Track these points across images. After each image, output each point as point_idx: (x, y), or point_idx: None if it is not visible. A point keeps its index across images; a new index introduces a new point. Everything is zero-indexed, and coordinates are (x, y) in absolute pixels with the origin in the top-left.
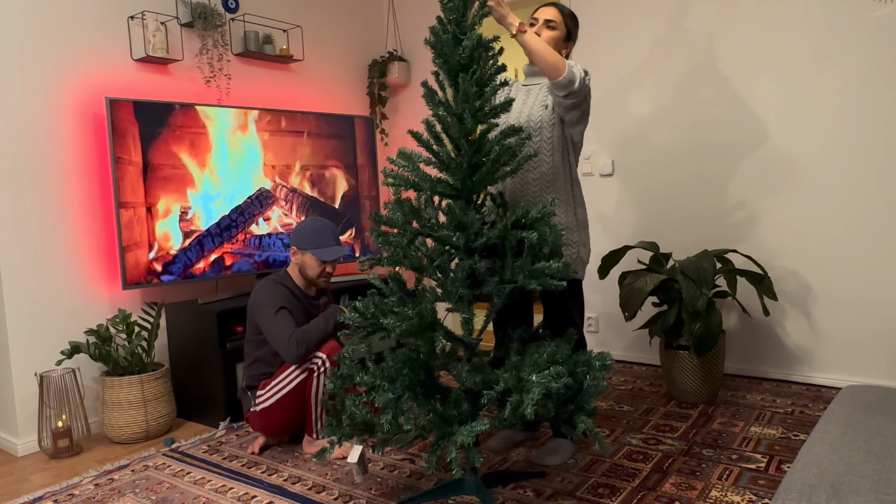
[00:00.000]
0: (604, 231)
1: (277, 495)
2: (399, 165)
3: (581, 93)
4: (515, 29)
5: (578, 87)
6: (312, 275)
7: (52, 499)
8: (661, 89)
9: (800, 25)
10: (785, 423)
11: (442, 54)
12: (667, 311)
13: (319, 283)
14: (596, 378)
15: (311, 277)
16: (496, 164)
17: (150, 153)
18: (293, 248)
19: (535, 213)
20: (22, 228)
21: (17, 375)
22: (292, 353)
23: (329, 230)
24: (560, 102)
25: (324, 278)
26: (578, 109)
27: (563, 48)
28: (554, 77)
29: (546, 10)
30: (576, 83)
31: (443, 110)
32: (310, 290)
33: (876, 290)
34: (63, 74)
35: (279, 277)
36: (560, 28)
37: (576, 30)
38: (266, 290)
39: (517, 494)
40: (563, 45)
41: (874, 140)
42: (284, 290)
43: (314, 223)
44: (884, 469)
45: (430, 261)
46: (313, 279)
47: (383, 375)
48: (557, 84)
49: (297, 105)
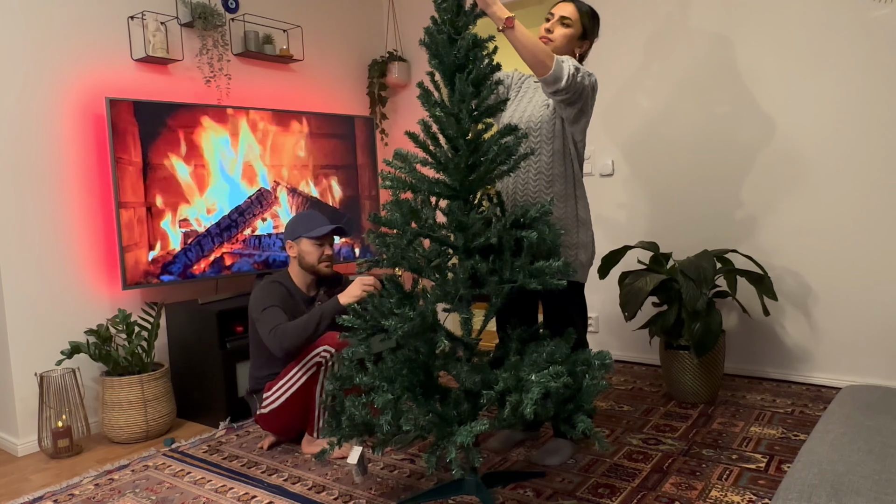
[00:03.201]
0: (604, 231)
1: (277, 495)
2: (396, 167)
3: (571, 90)
4: (502, 23)
5: (566, 84)
6: (312, 261)
7: (52, 499)
8: (661, 90)
9: (800, 26)
10: (785, 423)
11: (437, 55)
12: (667, 311)
13: (322, 269)
14: (595, 377)
15: (312, 264)
16: (494, 163)
17: (150, 153)
18: (288, 242)
19: (534, 212)
20: (22, 228)
21: (17, 375)
22: (274, 347)
23: (317, 215)
24: (553, 100)
25: (324, 263)
26: (573, 107)
27: (576, 46)
28: (540, 74)
29: (563, 5)
30: (562, 81)
31: (439, 110)
32: (309, 291)
33: (876, 290)
34: (63, 74)
35: (278, 277)
36: (575, 26)
37: (594, 28)
38: (261, 290)
39: (517, 494)
40: (578, 43)
41: (874, 140)
42: (281, 289)
43: (301, 213)
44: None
45: (427, 261)
46: (314, 265)
47: (382, 376)
48: (544, 81)
49: (297, 105)
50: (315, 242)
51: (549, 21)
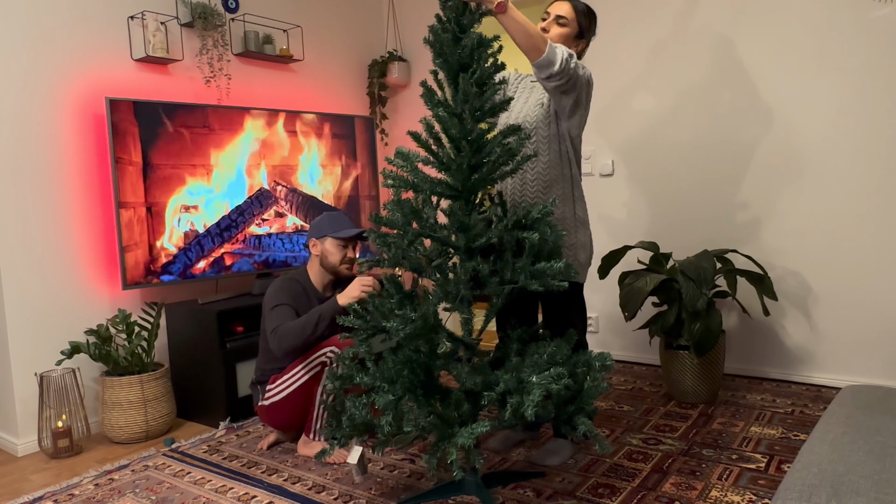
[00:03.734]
0: (604, 231)
1: (277, 495)
2: (397, 165)
3: (565, 75)
4: (493, 5)
5: (560, 68)
6: (334, 261)
7: (52, 499)
8: (661, 90)
9: (800, 26)
10: (785, 423)
11: (441, 53)
12: (667, 311)
13: (342, 270)
14: (596, 379)
15: (334, 264)
16: (496, 164)
17: (150, 153)
18: (312, 240)
19: (536, 213)
20: (22, 228)
21: (17, 375)
22: (274, 347)
23: (345, 217)
24: (546, 88)
25: (346, 264)
26: (568, 97)
27: (573, 46)
28: (534, 58)
29: (559, 4)
30: (556, 65)
31: (442, 110)
32: (326, 291)
33: (876, 290)
34: (63, 74)
35: (295, 274)
36: (571, 25)
37: (590, 27)
38: (275, 286)
39: (517, 494)
40: (574, 42)
41: (874, 140)
42: (296, 286)
43: (329, 213)
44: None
45: (428, 261)
46: (335, 266)
47: (383, 376)
48: (538, 65)
49: (297, 105)
50: (340, 243)
51: (545, 20)
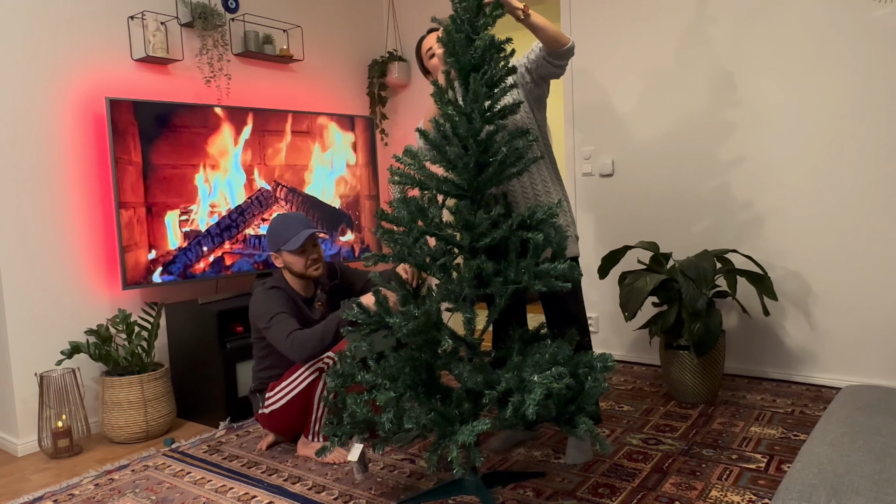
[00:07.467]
0: (604, 231)
1: (277, 495)
2: (405, 163)
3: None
4: (522, 12)
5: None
6: (300, 269)
7: (52, 499)
8: (661, 90)
9: (800, 26)
10: (785, 423)
11: (454, 53)
12: (667, 311)
13: (311, 273)
14: (597, 379)
15: (301, 272)
16: (503, 165)
17: (150, 153)
18: (272, 254)
19: (541, 214)
20: (22, 228)
21: (17, 375)
22: (293, 355)
23: (294, 220)
24: (554, 75)
25: (313, 267)
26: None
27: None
28: (564, 43)
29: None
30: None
31: (451, 109)
32: (306, 292)
33: (876, 290)
34: (63, 74)
35: (274, 281)
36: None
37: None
38: (262, 297)
39: (517, 494)
40: None
41: (875, 141)
42: (280, 293)
43: (277, 221)
44: (884, 469)
45: (432, 260)
46: (303, 272)
47: (385, 374)
48: (569, 49)
49: (298, 105)
50: (296, 251)
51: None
